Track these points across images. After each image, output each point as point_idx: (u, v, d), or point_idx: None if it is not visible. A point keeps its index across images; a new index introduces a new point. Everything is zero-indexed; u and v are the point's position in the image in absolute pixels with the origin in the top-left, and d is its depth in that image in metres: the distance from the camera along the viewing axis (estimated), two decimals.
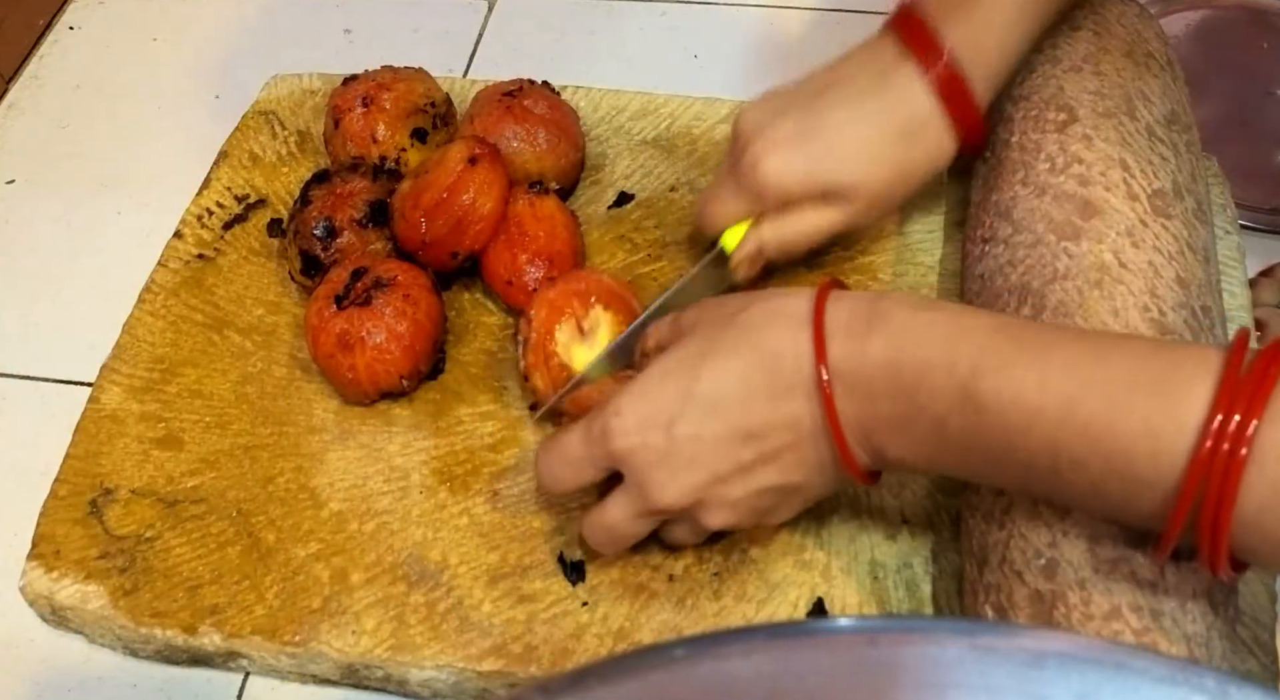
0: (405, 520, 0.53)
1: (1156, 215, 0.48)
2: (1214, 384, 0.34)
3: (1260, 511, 0.34)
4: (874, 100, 0.51)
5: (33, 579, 0.53)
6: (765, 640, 0.29)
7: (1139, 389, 0.36)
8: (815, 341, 0.42)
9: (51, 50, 0.83)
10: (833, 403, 0.42)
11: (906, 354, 0.40)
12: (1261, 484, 0.33)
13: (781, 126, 0.52)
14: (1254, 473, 0.33)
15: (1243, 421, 0.33)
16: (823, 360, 0.42)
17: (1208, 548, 0.35)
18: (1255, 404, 0.33)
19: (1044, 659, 0.27)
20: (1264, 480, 0.33)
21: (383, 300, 0.55)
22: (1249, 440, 0.33)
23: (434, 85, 0.66)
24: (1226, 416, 0.34)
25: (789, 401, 0.43)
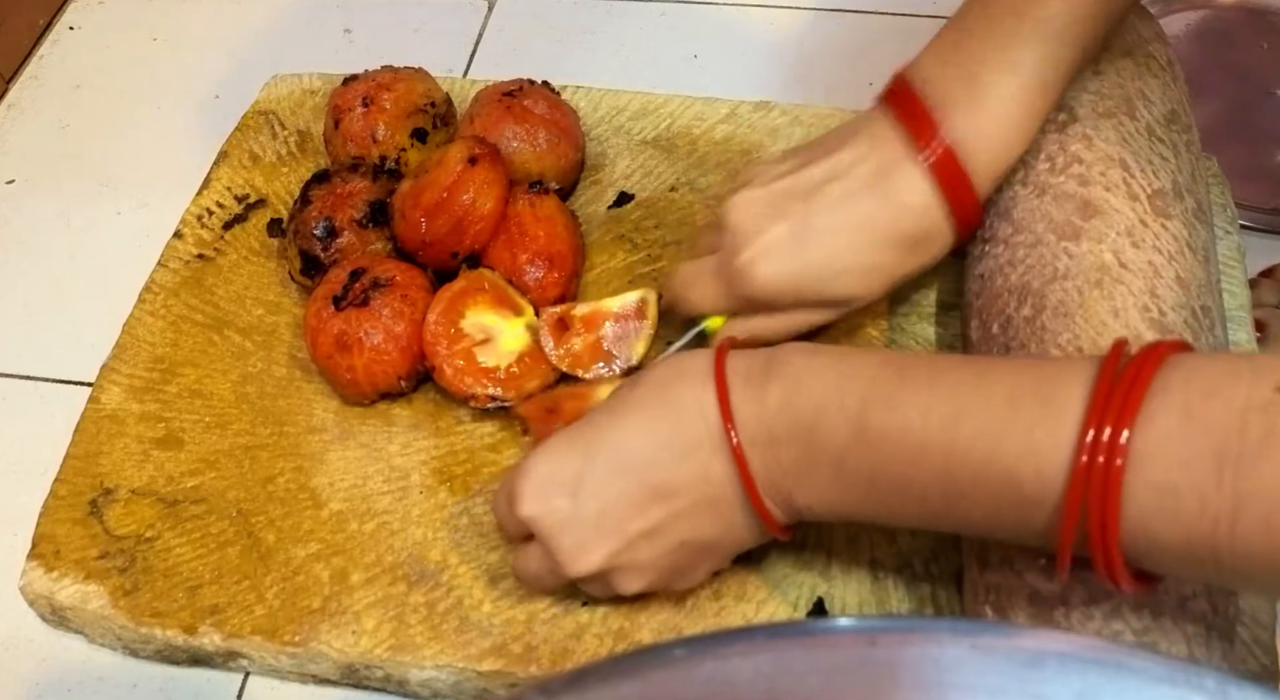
0: (405, 520, 0.53)
1: (1156, 215, 0.48)
2: (1086, 395, 0.34)
3: (1145, 519, 0.33)
4: (873, 203, 0.48)
5: (33, 579, 0.53)
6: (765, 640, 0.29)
7: (1018, 406, 0.36)
8: (719, 393, 0.42)
9: (51, 50, 0.83)
10: (741, 453, 0.42)
11: (801, 397, 0.41)
12: (1142, 491, 0.33)
13: (775, 231, 0.49)
14: (1133, 481, 0.33)
15: (1114, 431, 0.33)
16: (728, 410, 0.42)
17: (1102, 562, 0.35)
18: (1126, 412, 0.33)
19: (1044, 659, 0.27)
20: (1143, 487, 0.33)
21: (380, 301, 0.55)
22: (1123, 450, 0.33)
23: (434, 85, 0.66)
24: (1099, 428, 0.33)
25: (696, 456, 0.43)
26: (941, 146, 0.47)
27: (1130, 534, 0.34)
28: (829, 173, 0.49)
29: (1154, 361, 0.34)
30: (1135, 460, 0.33)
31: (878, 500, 0.40)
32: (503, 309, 0.56)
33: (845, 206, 0.49)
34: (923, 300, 0.59)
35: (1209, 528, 0.32)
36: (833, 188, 0.49)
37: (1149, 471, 0.33)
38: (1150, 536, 0.34)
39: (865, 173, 0.48)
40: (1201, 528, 0.32)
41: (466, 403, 0.55)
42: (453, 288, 0.57)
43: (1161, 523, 0.33)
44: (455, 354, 0.55)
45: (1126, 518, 0.34)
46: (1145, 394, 0.33)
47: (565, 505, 0.44)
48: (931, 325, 0.58)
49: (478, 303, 0.56)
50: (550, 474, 0.44)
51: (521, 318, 0.57)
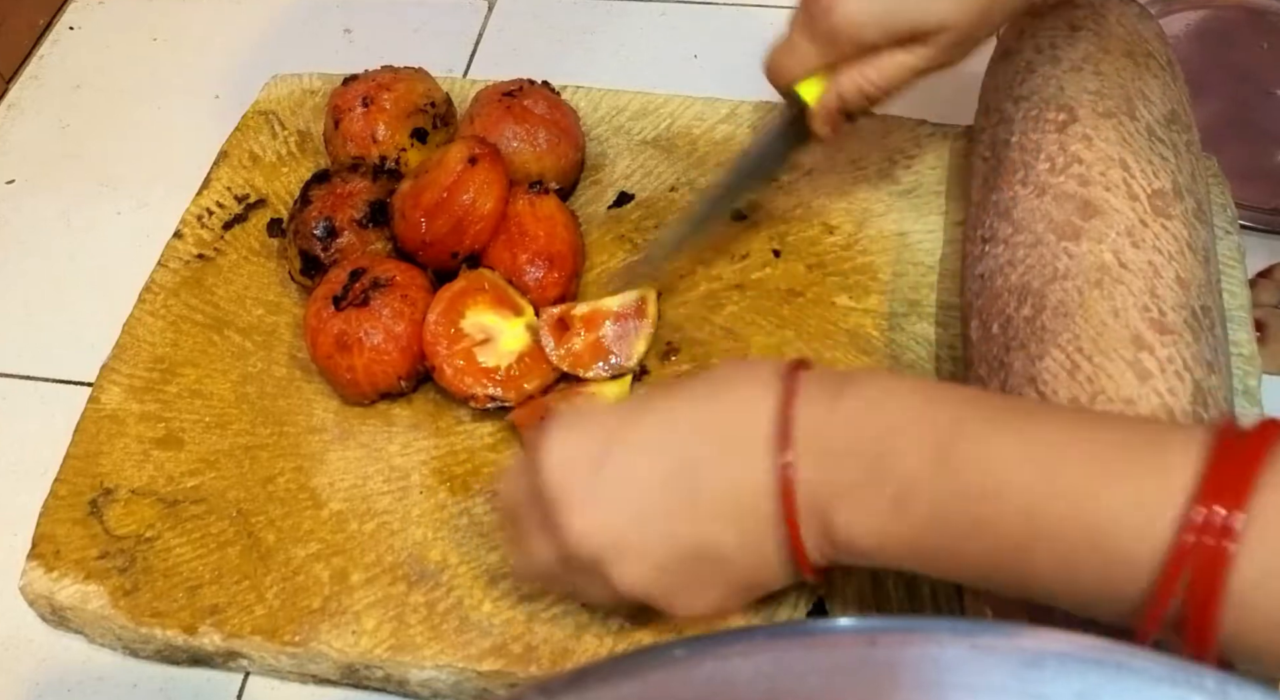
0: (405, 520, 0.53)
1: (1156, 215, 0.48)
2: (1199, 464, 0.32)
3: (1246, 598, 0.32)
4: None
5: (33, 579, 0.53)
6: (765, 640, 0.29)
7: (1125, 462, 0.34)
8: (784, 397, 0.39)
9: (51, 50, 0.83)
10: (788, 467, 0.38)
11: (877, 413, 0.38)
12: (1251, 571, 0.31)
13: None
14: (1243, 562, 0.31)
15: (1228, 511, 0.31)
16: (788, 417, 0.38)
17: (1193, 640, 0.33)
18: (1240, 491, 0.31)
19: (1044, 659, 0.27)
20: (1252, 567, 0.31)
21: (380, 301, 0.55)
22: (1233, 532, 0.31)
23: (434, 85, 0.66)
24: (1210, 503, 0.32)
25: (738, 457, 0.39)
26: None
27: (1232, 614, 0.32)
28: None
29: (1271, 436, 0.33)
30: (1248, 538, 0.31)
31: (941, 538, 0.36)
32: (503, 309, 0.56)
33: None
34: (923, 300, 0.59)
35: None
36: None
37: (1262, 547, 0.31)
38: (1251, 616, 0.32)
39: None
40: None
41: (466, 403, 0.55)
42: (453, 288, 0.57)
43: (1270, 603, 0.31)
44: (455, 354, 0.55)
45: (1231, 592, 0.32)
46: (1259, 471, 0.32)
47: (585, 475, 0.40)
48: (932, 325, 0.58)
49: (478, 303, 0.56)
50: (579, 432, 0.41)
51: (521, 318, 0.57)
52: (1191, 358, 0.44)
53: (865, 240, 0.61)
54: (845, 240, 0.61)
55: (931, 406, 0.37)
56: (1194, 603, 0.32)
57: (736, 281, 0.60)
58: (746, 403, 0.40)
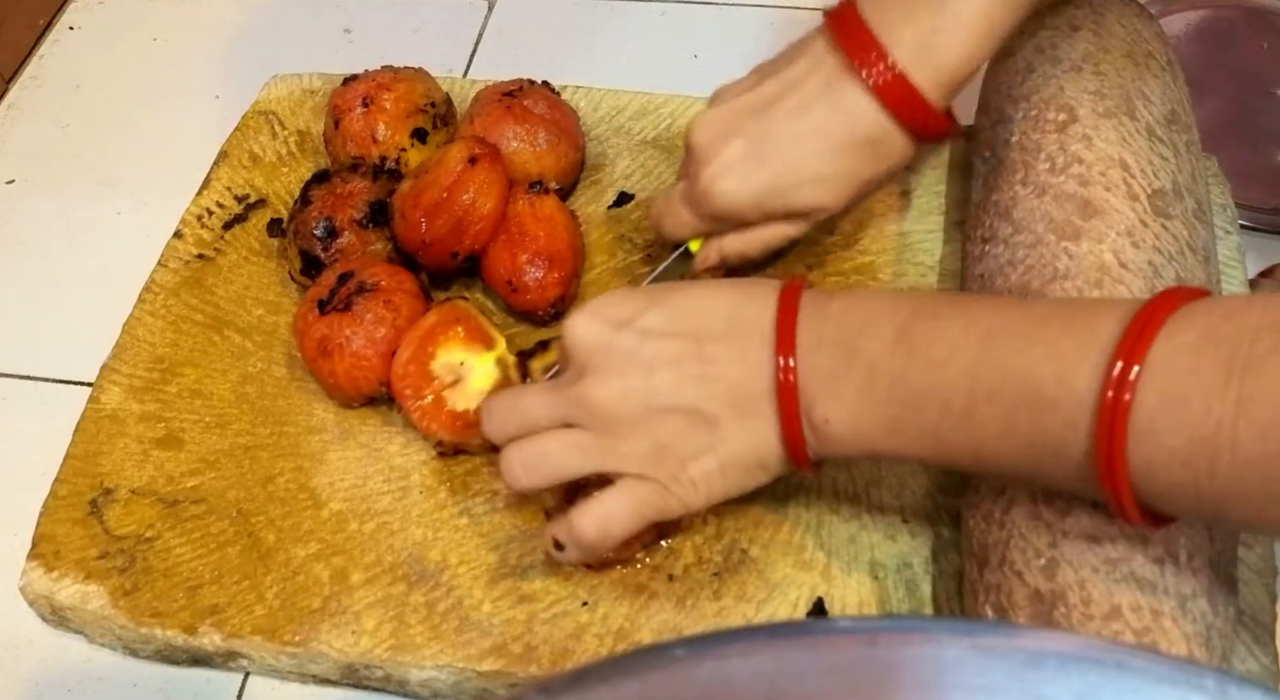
0: (405, 520, 0.53)
1: (1156, 215, 0.48)
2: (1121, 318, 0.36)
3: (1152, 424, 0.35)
4: (824, 112, 0.49)
5: (33, 579, 0.53)
6: (765, 640, 0.29)
7: (1052, 322, 0.38)
8: (784, 299, 0.44)
9: (51, 50, 0.83)
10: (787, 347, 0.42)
11: (857, 308, 0.42)
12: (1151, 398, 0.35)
13: (735, 145, 0.51)
14: (1144, 390, 0.35)
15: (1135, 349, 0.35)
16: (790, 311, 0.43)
17: (1108, 483, 0.36)
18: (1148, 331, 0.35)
19: (1044, 659, 0.27)
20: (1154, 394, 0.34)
21: (362, 306, 0.55)
22: (1141, 357, 0.35)
23: (434, 85, 0.66)
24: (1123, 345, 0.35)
25: (746, 338, 0.43)
26: (888, 71, 0.47)
27: (1137, 439, 0.35)
28: (782, 86, 0.51)
29: (1181, 297, 0.36)
30: (1150, 367, 0.34)
31: (898, 410, 0.40)
32: (474, 345, 0.55)
33: (799, 117, 0.50)
34: None
35: (1211, 433, 0.33)
36: (787, 100, 0.50)
37: (1162, 377, 0.34)
38: (1155, 442, 0.34)
39: (816, 84, 0.50)
40: (1204, 432, 0.33)
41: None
42: (424, 324, 0.55)
43: (1168, 426, 0.34)
44: (423, 396, 0.54)
45: (1135, 422, 0.35)
46: (1167, 319, 0.35)
47: (607, 332, 0.45)
48: None
49: (449, 339, 0.55)
50: (610, 305, 0.45)
51: (493, 352, 0.55)
52: None
53: (865, 240, 0.61)
54: (845, 240, 0.61)
55: (898, 301, 0.42)
56: (1103, 435, 0.35)
57: None
58: (755, 299, 0.44)
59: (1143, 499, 0.36)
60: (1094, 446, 0.36)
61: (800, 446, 0.43)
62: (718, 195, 0.51)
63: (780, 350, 0.42)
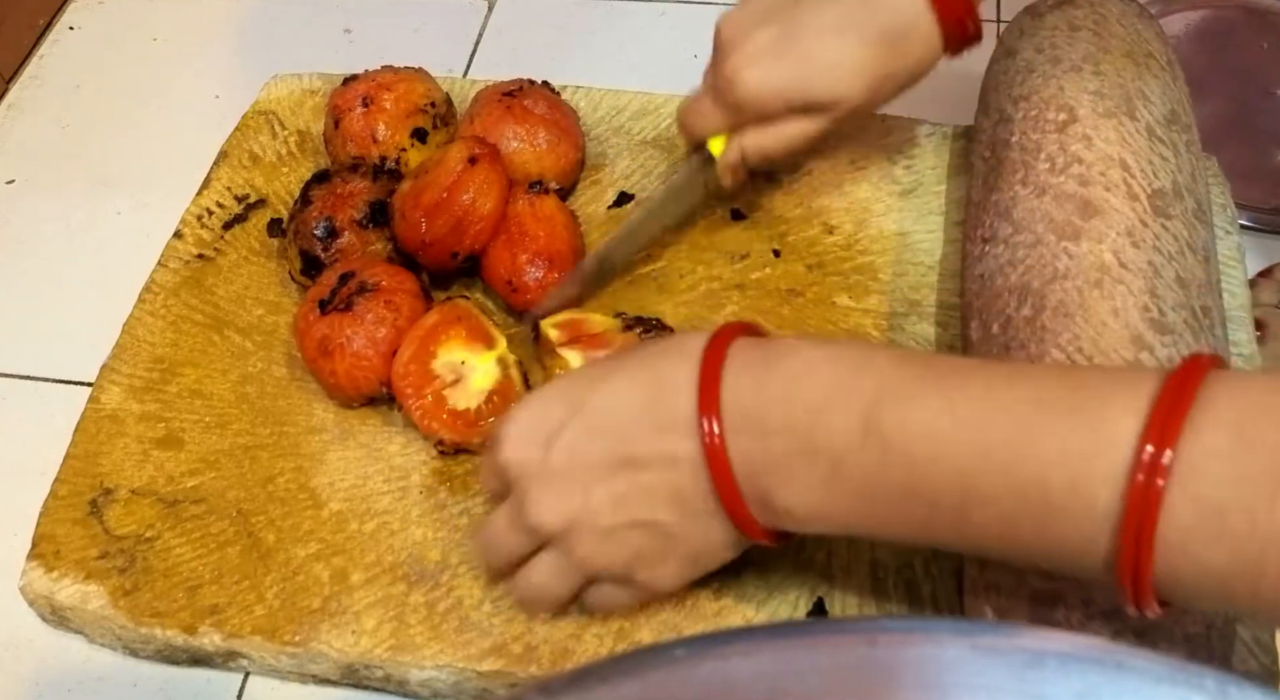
0: (405, 520, 0.53)
1: (1156, 215, 0.48)
2: (1139, 408, 0.32)
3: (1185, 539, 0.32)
4: (853, 3, 0.49)
5: (33, 579, 0.53)
6: (765, 640, 0.29)
7: (1054, 413, 0.34)
8: (704, 374, 0.40)
9: (51, 50, 0.83)
10: (717, 441, 0.39)
11: (805, 386, 0.38)
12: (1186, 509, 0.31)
13: (760, 37, 0.51)
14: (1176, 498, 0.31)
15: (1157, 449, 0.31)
16: (711, 395, 0.39)
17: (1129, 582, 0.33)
18: (1170, 428, 0.31)
19: (1044, 659, 0.27)
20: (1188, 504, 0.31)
21: (363, 306, 0.55)
22: (1165, 469, 0.31)
23: (434, 85, 0.66)
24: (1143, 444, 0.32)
25: (670, 434, 0.40)
26: None
27: (1166, 554, 0.32)
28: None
29: (1198, 375, 0.33)
30: (1180, 477, 0.31)
31: (877, 506, 0.37)
32: (475, 344, 0.55)
33: (827, 8, 0.50)
34: (923, 300, 0.59)
35: (1256, 552, 0.31)
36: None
37: (1195, 487, 0.31)
38: (1187, 557, 0.32)
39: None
40: (1248, 551, 0.31)
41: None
42: (426, 322, 0.55)
43: (1203, 543, 0.31)
44: (423, 395, 0.54)
45: (1164, 536, 0.32)
46: (1190, 409, 0.32)
47: (539, 455, 0.43)
48: (931, 325, 0.58)
49: (450, 339, 0.55)
50: (533, 423, 0.44)
51: (493, 351, 0.55)
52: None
53: (865, 240, 0.61)
54: (845, 240, 0.61)
55: (855, 378, 0.38)
56: (1128, 539, 0.32)
57: (736, 281, 0.60)
58: (672, 383, 0.41)
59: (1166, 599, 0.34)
60: (1116, 561, 0.33)
61: (755, 529, 0.41)
62: (740, 84, 0.51)
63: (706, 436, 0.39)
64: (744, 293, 0.60)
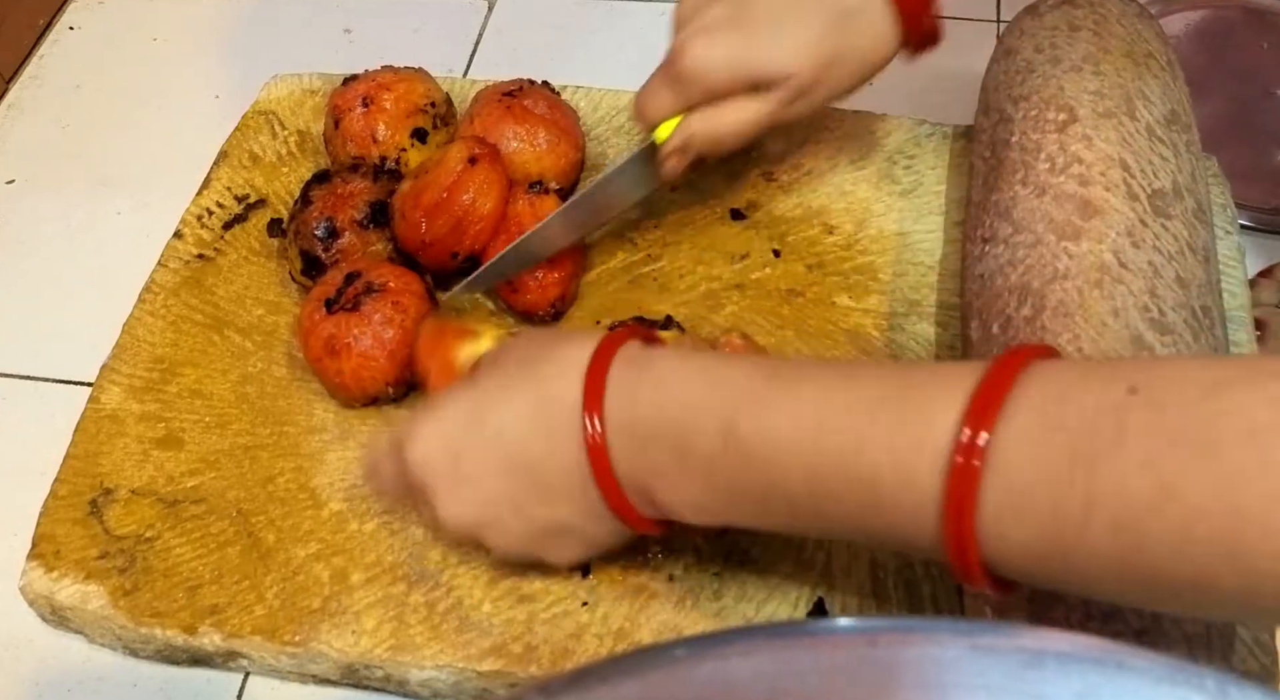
0: (405, 520, 0.53)
1: (1156, 215, 0.48)
2: (957, 399, 0.34)
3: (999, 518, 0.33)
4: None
5: (33, 579, 0.53)
6: (765, 640, 0.29)
7: (882, 410, 0.36)
8: (589, 383, 0.42)
9: (51, 50, 0.83)
10: (599, 444, 0.41)
11: (671, 401, 0.40)
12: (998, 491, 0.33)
13: (711, 12, 0.50)
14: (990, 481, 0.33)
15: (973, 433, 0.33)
16: (594, 401, 0.41)
17: (958, 563, 0.35)
18: (987, 415, 0.33)
19: (1043, 659, 0.27)
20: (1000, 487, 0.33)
21: (371, 306, 0.55)
22: (980, 451, 0.33)
23: (434, 85, 0.66)
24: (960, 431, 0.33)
25: (563, 446, 0.42)
26: None
27: (986, 533, 0.34)
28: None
29: (1015, 365, 0.34)
30: (993, 458, 0.33)
31: (746, 505, 0.40)
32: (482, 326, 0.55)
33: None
34: (923, 300, 0.59)
35: (1061, 529, 0.32)
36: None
37: (1006, 469, 0.33)
38: (1005, 536, 0.34)
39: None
40: (1054, 529, 0.33)
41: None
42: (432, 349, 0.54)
43: (1017, 521, 0.33)
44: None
45: (983, 516, 0.34)
46: (1006, 397, 0.34)
47: (446, 464, 0.45)
48: (931, 325, 0.58)
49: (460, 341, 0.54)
50: (439, 431, 0.45)
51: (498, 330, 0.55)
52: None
53: (865, 240, 0.61)
54: (845, 240, 0.61)
55: (714, 387, 0.40)
56: (951, 532, 0.34)
57: (736, 281, 0.60)
58: (558, 396, 0.43)
59: (1002, 577, 0.36)
60: (944, 544, 0.35)
61: (639, 520, 0.43)
62: (688, 56, 0.51)
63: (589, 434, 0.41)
64: (744, 293, 0.60)
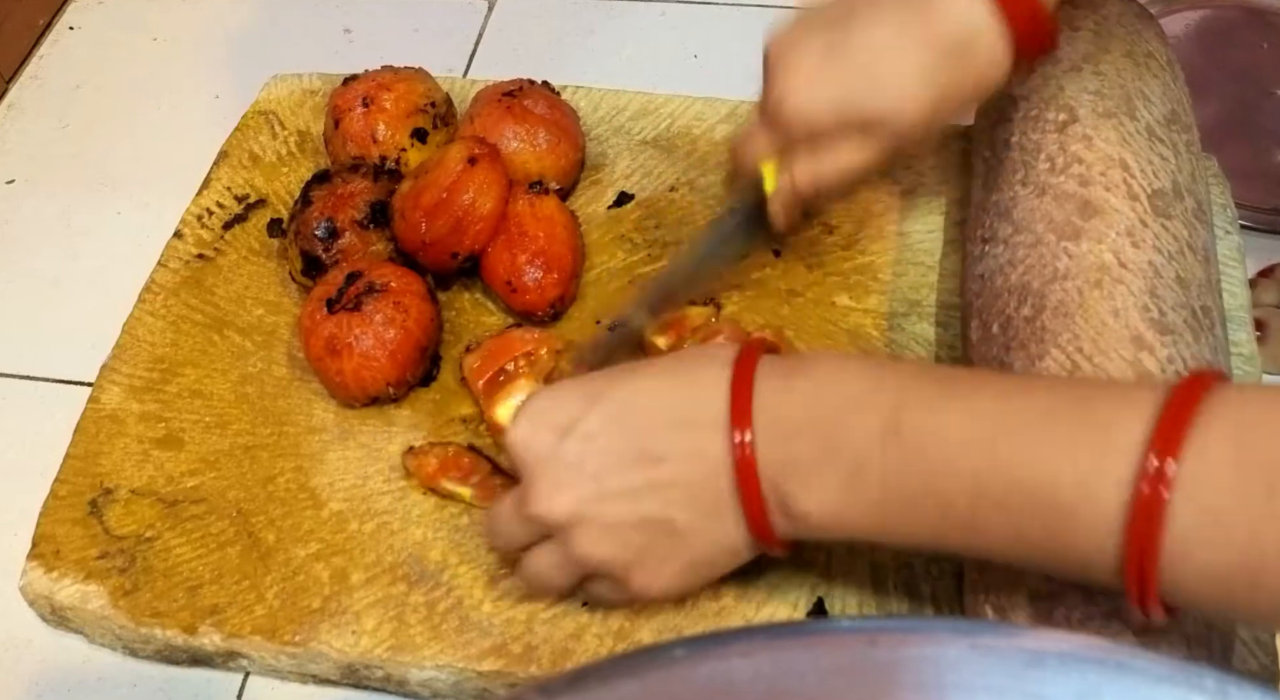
0: (405, 520, 0.53)
1: (1156, 215, 0.48)
2: (1144, 419, 0.33)
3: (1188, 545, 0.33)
4: (911, 13, 0.45)
5: (33, 579, 0.53)
6: (765, 640, 0.29)
7: (1065, 423, 0.35)
8: (738, 375, 0.40)
9: (51, 50, 0.83)
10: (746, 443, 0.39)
11: (830, 391, 0.39)
12: (1189, 517, 0.32)
13: (809, 50, 0.47)
14: (1180, 507, 0.32)
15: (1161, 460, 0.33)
16: (744, 395, 0.40)
17: (1135, 587, 0.34)
18: (1174, 440, 0.33)
19: (1044, 659, 0.27)
20: (1191, 512, 0.32)
21: (373, 306, 0.55)
22: (1170, 479, 0.32)
23: (434, 85, 0.66)
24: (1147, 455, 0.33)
25: (697, 432, 0.40)
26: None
27: (1171, 560, 0.33)
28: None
29: (1201, 389, 0.34)
30: (1184, 486, 0.32)
31: (893, 508, 0.38)
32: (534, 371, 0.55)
33: (883, 20, 0.46)
34: (923, 300, 0.59)
35: (1256, 559, 0.32)
36: (870, 5, 0.46)
37: (1197, 496, 0.32)
38: (1191, 563, 0.33)
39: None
40: (1248, 558, 0.32)
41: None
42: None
43: (1205, 549, 0.32)
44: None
45: (1169, 543, 0.33)
46: (1193, 422, 0.33)
47: (551, 441, 0.42)
48: (931, 325, 0.58)
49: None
50: (549, 409, 0.43)
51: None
52: (1191, 358, 0.44)
53: (865, 240, 0.61)
54: (845, 240, 0.61)
55: (878, 385, 0.39)
56: (1134, 547, 0.33)
57: (736, 281, 0.60)
58: (703, 383, 0.41)
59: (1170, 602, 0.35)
60: (1122, 566, 0.34)
61: (770, 536, 0.41)
62: (791, 103, 0.47)
63: (738, 445, 0.39)
64: (744, 293, 0.60)
